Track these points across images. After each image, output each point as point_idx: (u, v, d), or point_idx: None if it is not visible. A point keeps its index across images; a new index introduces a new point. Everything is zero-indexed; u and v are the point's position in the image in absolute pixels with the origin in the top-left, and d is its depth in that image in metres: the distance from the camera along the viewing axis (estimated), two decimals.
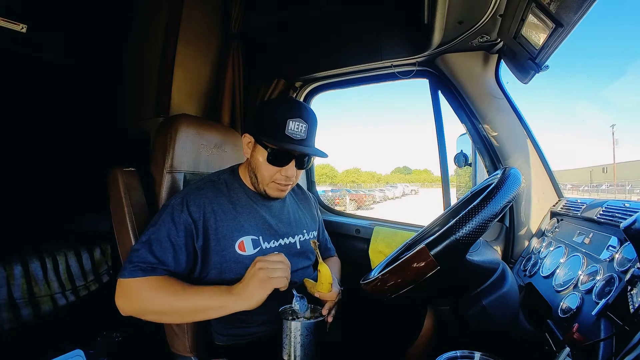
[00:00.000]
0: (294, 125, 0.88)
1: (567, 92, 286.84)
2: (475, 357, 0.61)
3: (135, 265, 0.81)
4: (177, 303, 0.81)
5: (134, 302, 0.82)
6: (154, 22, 1.67)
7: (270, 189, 0.96)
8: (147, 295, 0.81)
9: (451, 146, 1.50)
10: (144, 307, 0.82)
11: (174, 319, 0.93)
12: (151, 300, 0.81)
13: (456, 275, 0.73)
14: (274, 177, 0.94)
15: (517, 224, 1.29)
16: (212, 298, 0.80)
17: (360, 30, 1.50)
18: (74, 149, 1.94)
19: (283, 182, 0.94)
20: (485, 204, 0.63)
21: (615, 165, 30.95)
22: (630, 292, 0.59)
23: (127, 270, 0.81)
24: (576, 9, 0.79)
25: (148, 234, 0.86)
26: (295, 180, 0.98)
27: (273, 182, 0.94)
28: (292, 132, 0.88)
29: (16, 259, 1.39)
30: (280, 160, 0.91)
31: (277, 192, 0.97)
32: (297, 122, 0.89)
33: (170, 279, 0.83)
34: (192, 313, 0.83)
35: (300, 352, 0.79)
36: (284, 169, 0.92)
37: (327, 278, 0.89)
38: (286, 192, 0.99)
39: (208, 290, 0.82)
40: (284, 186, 0.96)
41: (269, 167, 0.92)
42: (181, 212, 0.88)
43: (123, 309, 0.83)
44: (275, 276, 0.78)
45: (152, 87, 1.65)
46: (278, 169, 0.92)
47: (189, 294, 0.81)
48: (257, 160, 0.94)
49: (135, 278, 0.81)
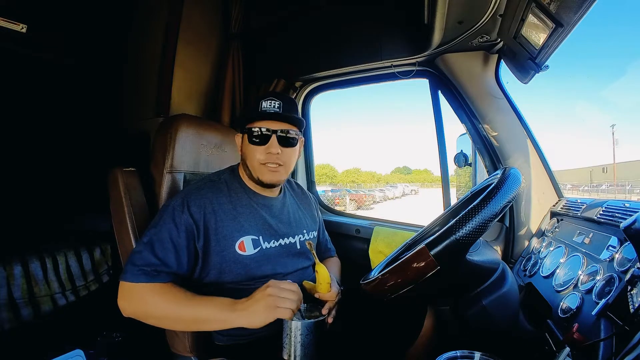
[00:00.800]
0: (267, 104, 0.93)
1: (567, 92, 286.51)
2: (475, 357, 0.61)
3: (138, 268, 0.81)
4: (180, 312, 0.81)
5: (136, 306, 0.82)
6: (154, 22, 1.67)
7: (263, 174, 0.95)
8: (150, 300, 0.81)
9: (451, 146, 1.50)
10: (146, 311, 0.82)
11: (175, 327, 0.93)
12: (154, 305, 0.81)
13: (456, 275, 0.73)
14: (261, 159, 0.94)
15: (517, 224, 1.29)
16: (215, 311, 0.80)
17: (360, 30, 1.50)
18: (74, 149, 1.94)
19: (270, 162, 0.94)
20: (485, 204, 0.63)
21: (615, 165, 30.96)
22: (630, 292, 0.59)
23: (130, 273, 0.81)
24: (576, 9, 0.79)
25: (149, 235, 0.86)
26: (287, 161, 0.97)
27: (261, 164, 0.94)
28: (266, 109, 0.93)
29: (16, 259, 1.40)
30: (260, 138, 0.93)
31: (269, 175, 0.96)
32: (270, 101, 0.93)
33: (174, 287, 0.83)
34: (194, 323, 0.83)
35: (301, 351, 0.79)
36: (266, 147, 0.93)
37: (325, 278, 0.89)
38: (279, 173, 0.97)
39: (212, 301, 0.82)
40: (274, 166, 0.95)
41: (253, 149, 0.94)
42: (182, 213, 0.88)
43: (125, 310, 0.84)
44: (282, 306, 0.77)
45: (152, 87, 1.65)
46: (262, 148, 0.93)
47: (193, 304, 0.81)
48: (245, 149, 0.97)
49: (139, 283, 0.81)
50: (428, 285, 0.66)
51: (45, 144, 1.88)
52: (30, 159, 1.84)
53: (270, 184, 0.99)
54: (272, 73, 1.70)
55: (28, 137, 1.83)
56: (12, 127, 1.76)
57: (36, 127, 1.84)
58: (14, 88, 1.75)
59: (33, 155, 1.85)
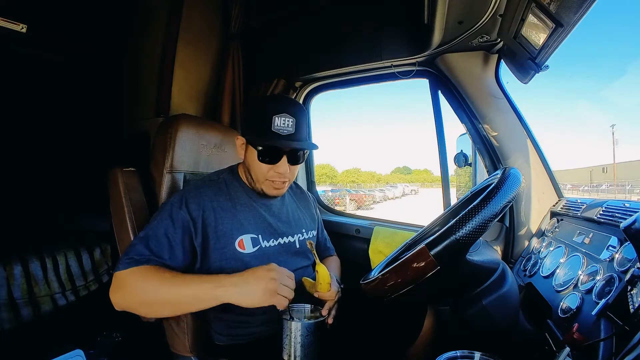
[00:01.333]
0: (280, 121, 0.88)
1: (567, 92, 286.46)
2: (475, 357, 0.61)
3: (129, 257, 0.81)
4: (171, 291, 0.78)
5: (127, 294, 0.80)
6: (154, 22, 1.67)
7: (267, 187, 0.96)
8: (139, 285, 0.79)
9: (451, 146, 1.50)
10: (136, 297, 0.80)
11: (168, 310, 0.85)
12: (143, 289, 0.79)
13: (456, 275, 0.73)
14: (268, 175, 0.93)
15: (517, 224, 1.29)
16: (206, 286, 0.78)
17: (360, 30, 1.50)
18: (74, 149, 1.94)
19: (277, 179, 0.94)
20: (485, 204, 0.63)
21: (615, 165, 30.95)
22: (630, 292, 0.59)
23: (122, 263, 0.81)
24: (576, 9, 0.79)
25: (146, 230, 0.86)
26: (292, 177, 0.98)
27: (268, 180, 0.94)
28: (279, 128, 0.88)
29: (16, 259, 1.40)
30: (271, 157, 0.91)
31: (273, 191, 0.97)
32: (283, 118, 0.88)
33: (161, 268, 0.81)
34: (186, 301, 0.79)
35: (301, 352, 0.79)
36: (276, 166, 0.92)
37: (326, 278, 0.89)
38: (283, 189, 0.98)
39: (202, 277, 0.80)
40: (280, 183, 0.95)
41: (261, 166, 0.92)
42: (179, 210, 0.88)
43: (116, 303, 0.82)
44: (281, 294, 0.77)
45: (152, 87, 1.65)
46: (270, 166, 0.92)
47: (182, 281, 0.79)
48: (249, 160, 0.95)
49: (129, 269, 0.80)
50: (428, 285, 0.66)
51: (45, 144, 1.89)
52: (30, 158, 1.84)
53: (273, 197, 1.00)
54: (272, 73, 1.70)
55: (28, 137, 1.83)
56: (12, 127, 1.76)
57: (36, 127, 1.85)
58: (14, 88, 1.75)
59: (33, 155, 1.85)
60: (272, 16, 1.73)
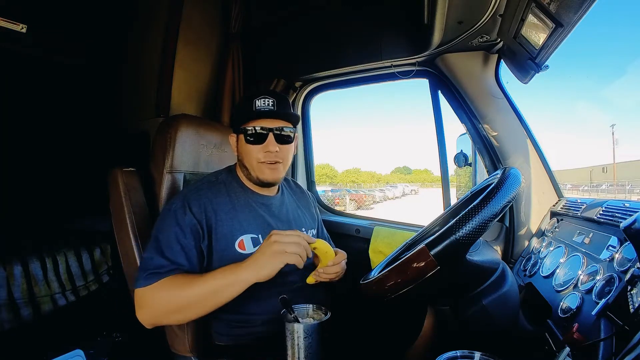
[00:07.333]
0: (260, 102, 0.92)
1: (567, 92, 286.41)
2: (475, 357, 0.61)
3: (149, 272, 0.81)
4: (195, 292, 0.79)
5: (155, 309, 0.81)
6: (154, 22, 1.67)
7: (261, 172, 0.95)
8: (165, 295, 0.80)
9: (451, 146, 1.50)
10: (163, 309, 0.81)
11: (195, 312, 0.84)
12: (169, 299, 0.80)
13: (456, 275, 0.73)
14: (259, 157, 0.94)
15: (517, 224, 1.29)
16: (224, 275, 0.79)
17: (360, 30, 1.50)
18: (74, 149, 1.94)
19: (269, 160, 0.94)
20: (485, 204, 0.63)
21: (615, 165, 30.94)
22: (630, 292, 0.59)
23: (142, 278, 0.81)
24: (576, 9, 0.79)
25: (157, 241, 0.85)
26: (284, 159, 0.97)
27: (259, 163, 0.94)
28: (260, 108, 0.92)
29: (16, 259, 1.40)
30: (257, 137, 0.93)
31: (269, 173, 0.96)
32: (263, 99, 0.92)
33: (179, 275, 0.82)
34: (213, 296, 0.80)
35: (303, 353, 0.79)
36: (264, 146, 0.93)
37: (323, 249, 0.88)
38: (278, 172, 0.97)
39: (218, 270, 0.82)
40: (272, 164, 0.95)
41: (251, 149, 0.94)
42: (185, 215, 0.88)
43: (145, 320, 0.82)
44: (289, 251, 0.77)
45: (152, 87, 1.65)
46: (259, 147, 0.93)
47: (203, 280, 0.80)
48: (241, 150, 0.97)
49: (151, 284, 0.80)
50: (428, 285, 0.66)
51: (45, 144, 1.89)
52: (30, 159, 1.84)
53: (270, 182, 0.99)
54: (272, 73, 1.70)
55: (28, 137, 1.83)
56: (13, 127, 1.76)
57: (36, 127, 1.85)
58: (14, 88, 1.75)
59: (33, 155, 1.85)
60: (272, 16, 1.73)
